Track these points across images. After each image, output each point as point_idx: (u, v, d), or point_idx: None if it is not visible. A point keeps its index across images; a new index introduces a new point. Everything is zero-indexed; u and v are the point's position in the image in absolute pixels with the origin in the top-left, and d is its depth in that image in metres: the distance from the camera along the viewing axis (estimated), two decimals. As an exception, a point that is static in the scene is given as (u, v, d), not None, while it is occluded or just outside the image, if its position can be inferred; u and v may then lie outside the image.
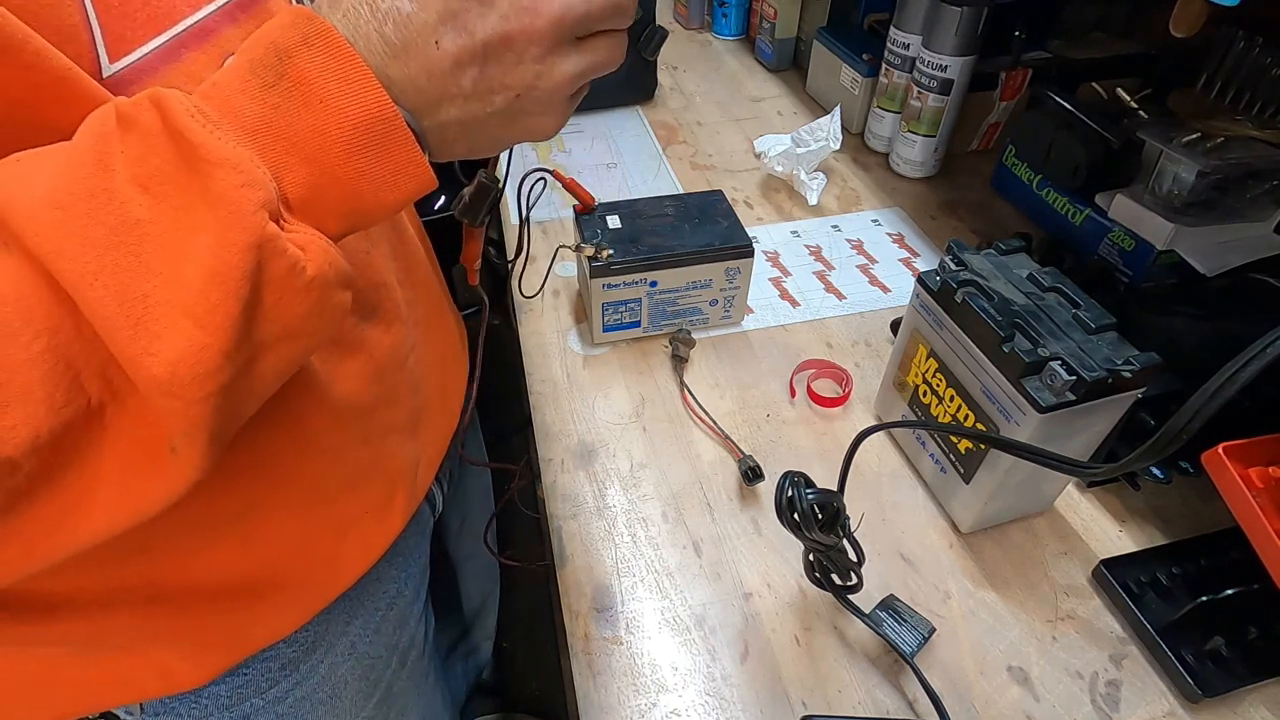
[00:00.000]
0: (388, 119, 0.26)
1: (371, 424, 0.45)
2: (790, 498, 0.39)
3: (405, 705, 0.59)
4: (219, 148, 0.24)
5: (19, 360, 0.22)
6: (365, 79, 0.25)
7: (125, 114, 0.24)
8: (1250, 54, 0.61)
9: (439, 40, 0.26)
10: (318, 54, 0.25)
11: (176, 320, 0.23)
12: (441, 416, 0.55)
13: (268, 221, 0.24)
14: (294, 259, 0.25)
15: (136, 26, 0.29)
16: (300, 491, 0.41)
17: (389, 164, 0.27)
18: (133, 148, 0.24)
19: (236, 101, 0.25)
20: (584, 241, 0.62)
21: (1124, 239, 0.66)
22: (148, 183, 0.24)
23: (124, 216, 0.23)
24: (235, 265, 0.23)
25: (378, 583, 0.52)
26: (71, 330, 0.23)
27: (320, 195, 0.26)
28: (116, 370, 0.24)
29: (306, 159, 0.25)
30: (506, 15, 0.27)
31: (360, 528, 0.46)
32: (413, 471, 0.51)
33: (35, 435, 0.23)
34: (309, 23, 0.25)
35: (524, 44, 0.28)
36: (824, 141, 0.82)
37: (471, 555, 0.79)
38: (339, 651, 0.50)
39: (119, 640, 0.38)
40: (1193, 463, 0.48)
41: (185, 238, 0.24)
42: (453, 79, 0.27)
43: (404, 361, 0.47)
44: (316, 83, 0.25)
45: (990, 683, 0.45)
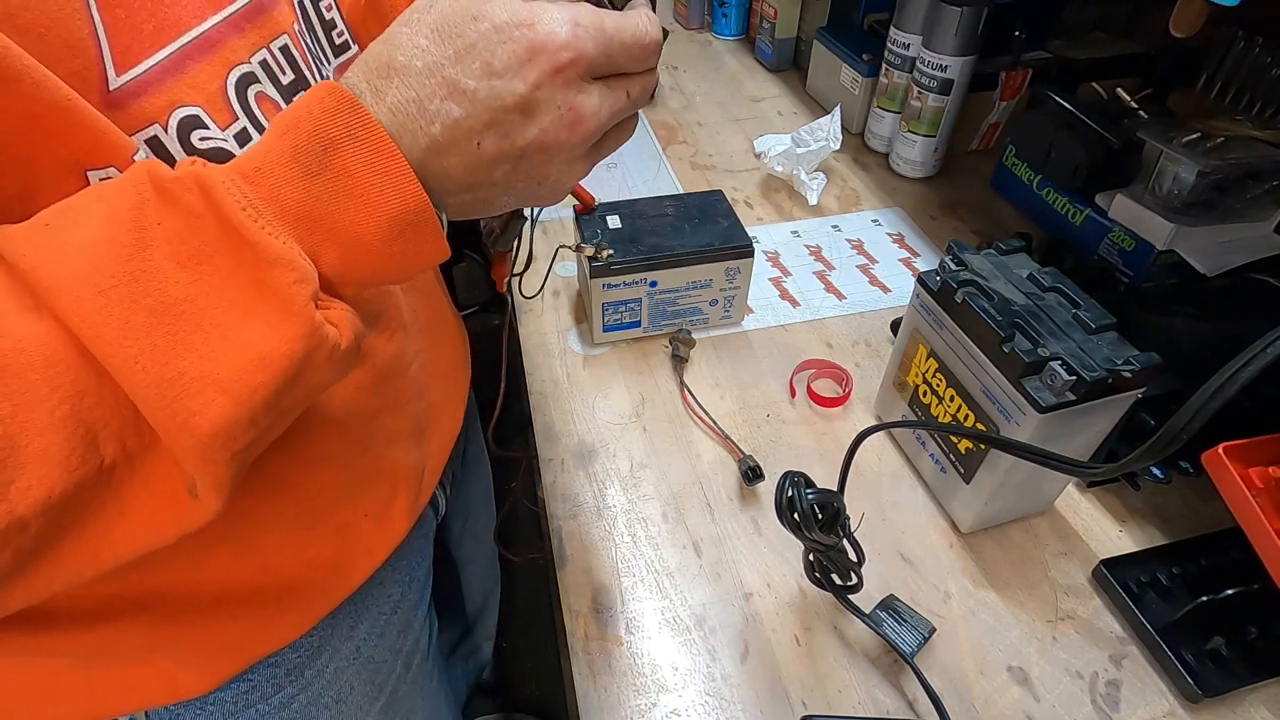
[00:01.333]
0: (421, 210, 0.27)
1: (373, 431, 0.45)
2: (790, 498, 0.39)
3: (410, 709, 0.59)
4: (274, 246, 0.25)
5: (41, 424, 0.23)
6: (406, 178, 0.26)
7: (166, 189, 0.25)
8: (1250, 54, 0.61)
9: (481, 143, 0.28)
10: (362, 149, 0.26)
11: (213, 397, 0.24)
12: (446, 421, 0.55)
13: (315, 312, 0.26)
14: (334, 340, 0.27)
15: (143, 39, 0.29)
16: (302, 499, 0.41)
17: (416, 246, 0.28)
18: (171, 224, 0.25)
19: (281, 190, 0.26)
20: (584, 241, 0.62)
21: (1124, 239, 0.66)
22: (186, 261, 0.25)
23: (161, 296, 0.24)
24: (285, 354, 0.25)
25: (382, 587, 0.52)
26: (94, 396, 0.24)
27: (350, 274, 0.28)
28: (131, 433, 0.25)
29: (342, 245, 0.27)
30: (546, 129, 0.28)
31: (364, 533, 0.46)
32: (417, 476, 0.51)
33: (48, 496, 0.23)
34: (354, 114, 0.26)
35: (557, 150, 0.29)
36: (824, 141, 0.82)
37: (473, 557, 0.79)
38: (344, 656, 0.49)
39: (124, 650, 0.38)
40: (1193, 463, 0.48)
41: (225, 319, 0.25)
42: (486, 173, 0.29)
43: (406, 369, 0.47)
44: (360, 177, 0.26)
45: (990, 683, 0.45)
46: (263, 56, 0.35)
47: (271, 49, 0.35)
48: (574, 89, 0.28)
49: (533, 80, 0.27)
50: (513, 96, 0.27)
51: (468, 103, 0.27)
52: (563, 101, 0.28)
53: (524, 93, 0.27)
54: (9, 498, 0.23)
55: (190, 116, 0.31)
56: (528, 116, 0.28)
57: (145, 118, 0.29)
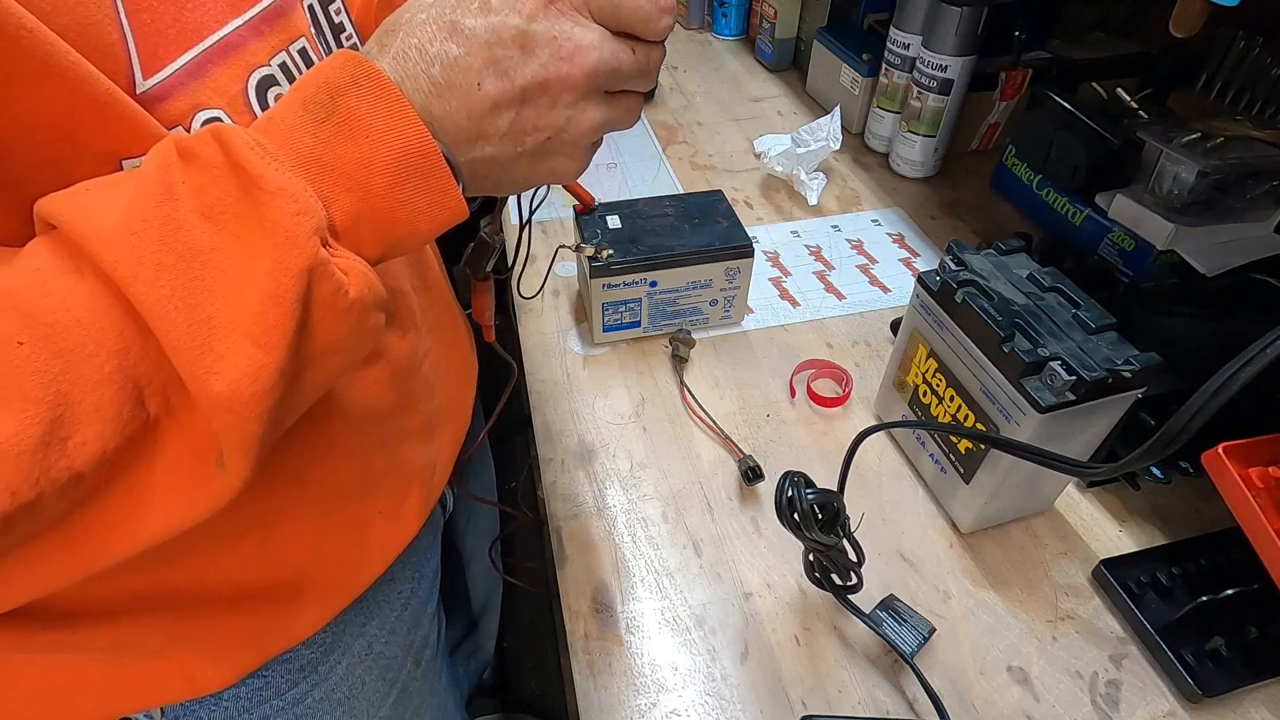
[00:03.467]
0: (427, 153, 0.28)
1: (388, 429, 0.45)
2: (790, 498, 0.39)
3: (420, 705, 0.60)
4: (276, 178, 0.25)
5: (92, 380, 0.24)
6: (408, 116, 0.27)
7: (187, 147, 0.26)
8: (1250, 54, 0.61)
9: (481, 83, 0.28)
10: (365, 93, 0.27)
11: (238, 341, 0.25)
12: (455, 419, 0.55)
13: (319, 247, 0.26)
14: (339, 282, 0.27)
15: (168, 43, 0.30)
16: (319, 496, 0.42)
17: (426, 195, 0.28)
18: (194, 178, 0.25)
19: (291, 135, 0.27)
20: (584, 241, 0.62)
21: (1124, 239, 0.66)
22: (209, 211, 0.25)
23: (190, 244, 0.25)
24: (290, 288, 0.25)
25: (392, 583, 0.52)
26: (139, 351, 0.25)
27: (362, 222, 0.28)
28: (175, 388, 0.26)
29: (352, 189, 0.27)
30: (545, 64, 0.29)
31: (378, 530, 0.47)
32: (429, 474, 0.51)
33: (103, 451, 0.24)
34: (358, 65, 0.27)
35: (559, 90, 0.29)
36: (824, 141, 0.82)
37: (476, 555, 0.79)
38: (356, 652, 0.50)
39: (144, 645, 0.38)
40: (1193, 463, 0.48)
41: (244, 263, 0.25)
42: (490, 119, 0.29)
43: (419, 367, 0.47)
44: (364, 119, 0.27)
45: (990, 683, 0.45)
46: (282, 59, 0.35)
47: (290, 52, 0.36)
48: (569, 19, 0.29)
49: (527, 11, 0.28)
50: (509, 30, 0.28)
51: (465, 41, 0.28)
52: (559, 31, 0.28)
53: (519, 24, 0.28)
54: (68, 452, 0.23)
55: (212, 119, 0.31)
56: (525, 51, 0.28)
57: (169, 121, 0.30)
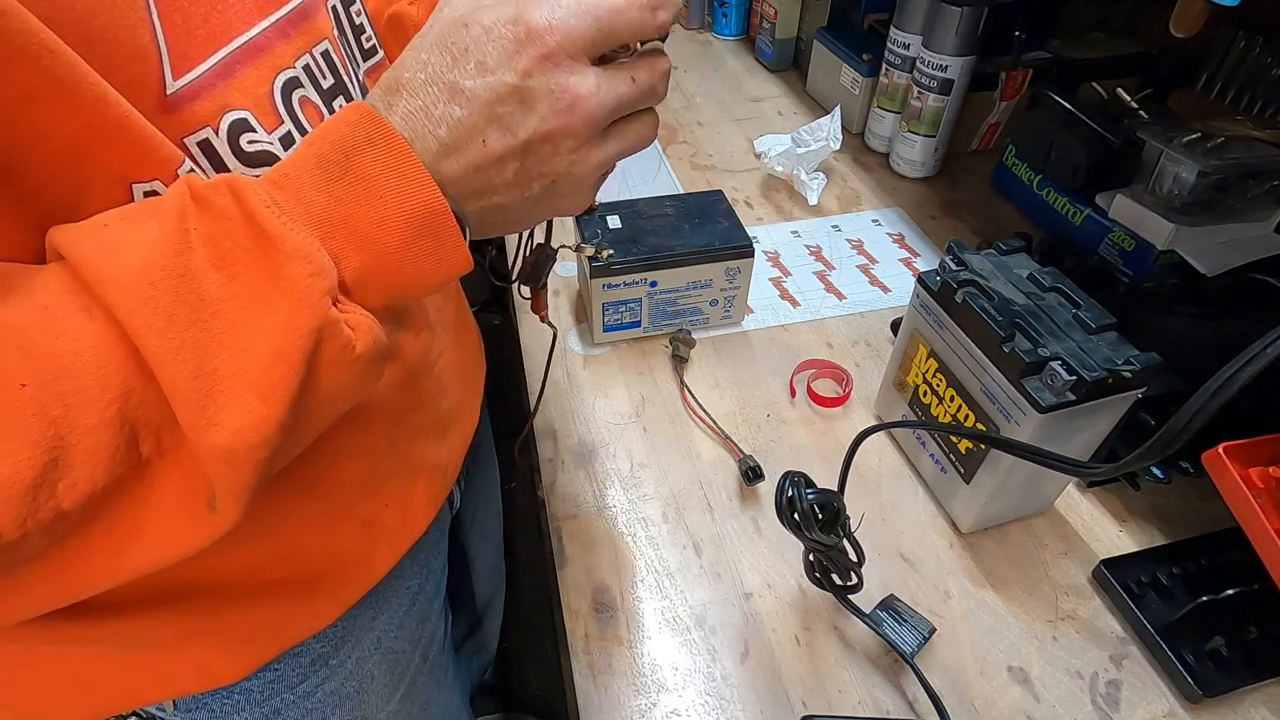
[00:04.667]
0: (438, 212, 0.28)
1: (400, 427, 0.46)
2: (790, 498, 0.39)
3: (428, 699, 0.60)
4: (291, 238, 0.26)
5: (91, 423, 0.24)
6: (421, 176, 0.28)
7: (202, 195, 0.26)
8: (1250, 54, 0.61)
9: (486, 139, 0.29)
10: (380, 153, 0.27)
11: (241, 394, 0.25)
12: (465, 418, 0.56)
13: (330, 306, 0.26)
14: (348, 340, 0.27)
15: (197, 44, 0.30)
16: (330, 492, 0.42)
17: (436, 252, 0.29)
18: (207, 227, 0.26)
19: (305, 192, 0.27)
20: (584, 241, 0.62)
21: (1124, 239, 0.66)
22: (221, 262, 0.26)
23: (203, 295, 0.25)
24: (299, 346, 0.26)
25: (401, 579, 0.52)
26: (140, 395, 0.25)
27: (372, 278, 0.29)
28: (168, 431, 0.26)
29: (363, 246, 0.28)
30: (546, 116, 0.29)
31: (388, 525, 0.47)
32: (439, 472, 0.51)
33: (92, 492, 0.24)
34: (373, 124, 0.28)
35: (560, 139, 0.30)
36: (824, 141, 0.82)
37: (481, 551, 0.79)
38: (366, 646, 0.50)
39: (160, 638, 0.39)
40: (1193, 463, 0.48)
41: (253, 316, 0.26)
42: (496, 171, 0.30)
43: (432, 366, 0.48)
44: (378, 179, 0.27)
45: (990, 683, 0.45)
46: (306, 61, 0.36)
47: (314, 54, 0.36)
48: (564, 70, 0.29)
49: (522, 69, 0.28)
50: (506, 88, 0.28)
51: (467, 102, 0.28)
52: (555, 85, 0.29)
53: (515, 83, 0.28)
54: (57, 494, 0.23)
55: (239, 120, 0.32)
56: (525, 106, 0.29)
57: (198, 121, 0.30)
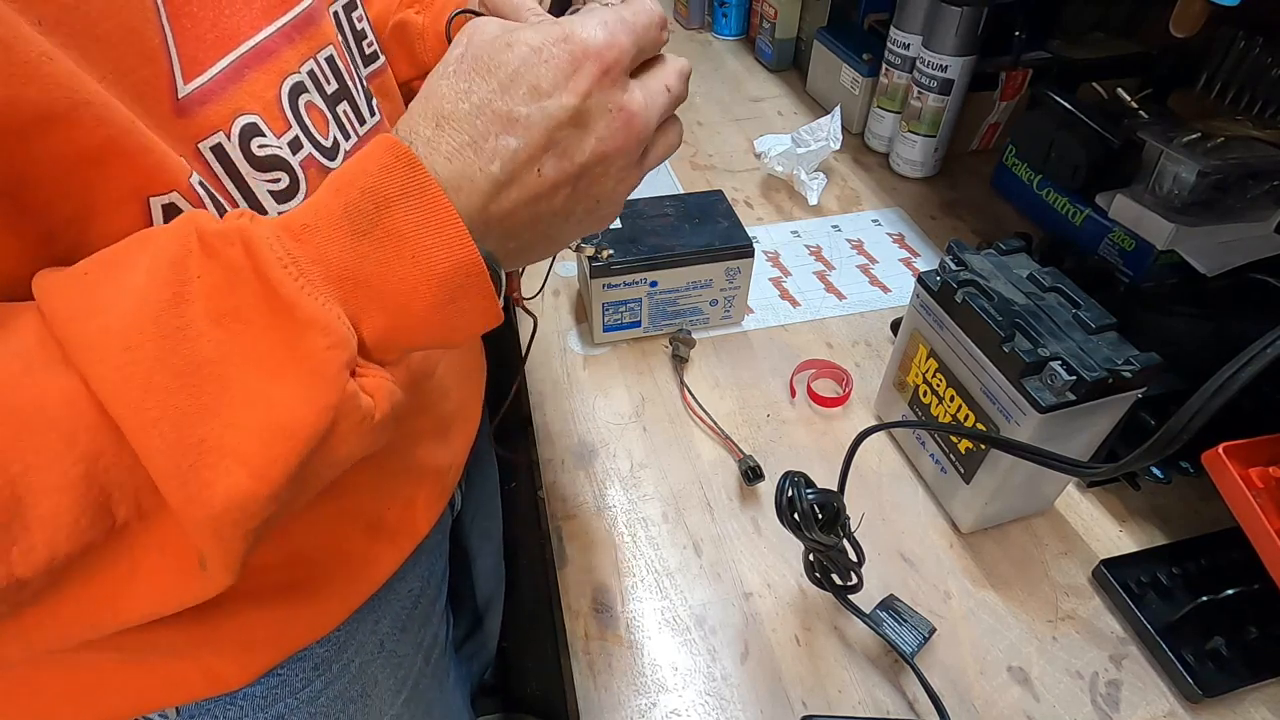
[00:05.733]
0: (474, 274, 0.26)
1: (402, 432, 0.45)
2: (790, 498, 0.39)
3: (430, 702, 0.60)
4: (309, 305, 0.24)
5: (52, 485, 0.22)
6: (459, 235, 0.25)
7: (210, 243, 0.24)
8: (1250, 54, 0.61)
9: (541, 169, 0.27)
10: (415, 207, 0.25)
11: (229, 467, 0.23)
12: (467, 420, 0.56)
13: (349, 380, 0.24)
14: (367, 410, 0.25)
15: (206, 48, 0.29)
16: (334, 497, 0.41)
17: (467, 313, 0.27)
18: (211, 278, 0.24)
19: (327, 248, 0.25)
20: (584, 241, 0.62)
21: (1124, 239, 0.66)
22: (221, 319, 0.23)
23: (192, 356, 0.23)
24: (310, 424, 0.24)
25: (403, 581, 0.52)
26: (112, 457, 0.23)
27: (393, 339, 0.26)
28: (148, 495, 0.24)
29: (387, 309, 0.26)
30: (603, 137, 0.28)
31: (391, 528, 0.47)
32: (442, 474, 0.51)
33: (51, 559, 0.22)
34: (409, 172, 0.25)
35: (616, 158, 0.29)
36: (824, 141, 0.82)
37: (481, 552, 0.79)
38: (369, 650, 0.50)
39: (166, 645, 0.38)
40: (1193, 463, 0.48)
41: (253, 384, 0.24)
42: (548, 201, 0.28)
43: (434, 370, 0.48)
44: (411, 238, 0.25)
45: (990, 683, 0.45)
46: (311, 66, 0.35)
47: (318, 59, 0.36)
48: (620, 89, 0.28)
49: (583, 90, 0.27)
50: (565, 112, 0.27)
51: (523, 130, 0.26)
52: (613, 104, 0.28)
53: (576, 105, 0.27)
54: (9, 559, 0.22)
55: (250, 124, 0.31)
56: (583, 128, 0.28)
57: (210, 125, 0.29)
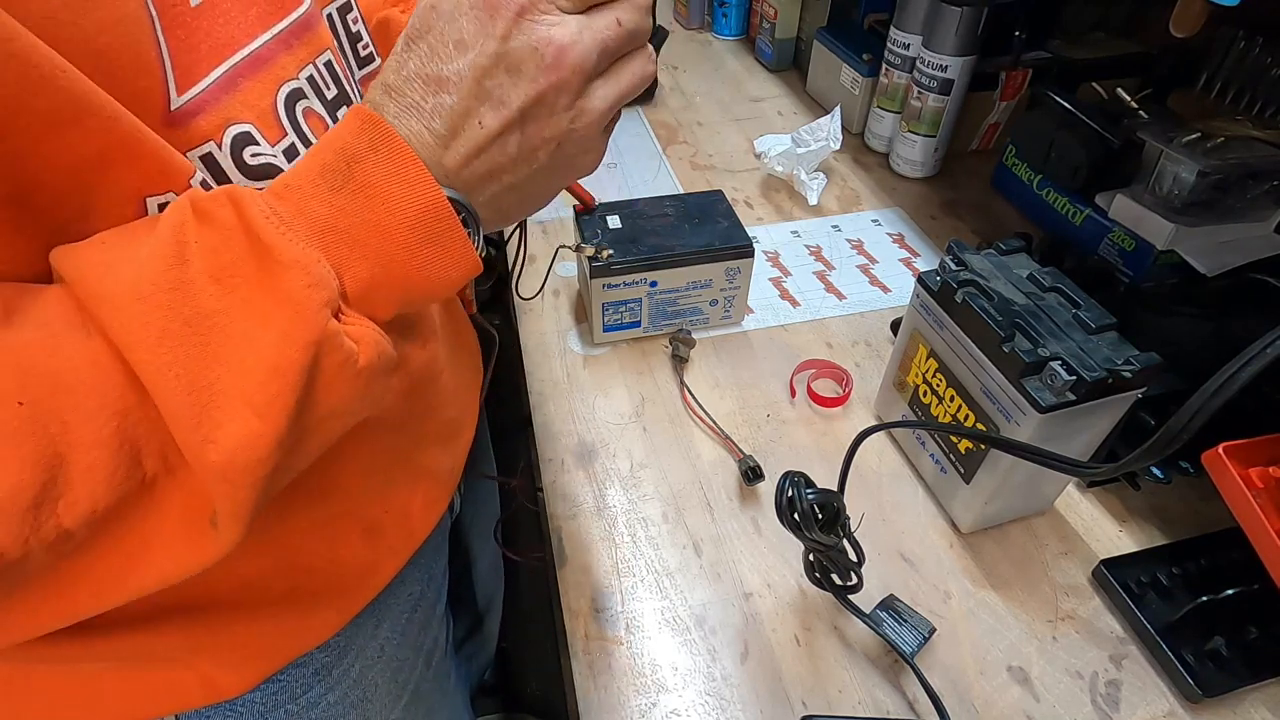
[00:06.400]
0: (442, 216, 0.28)
1: (404, 437, 0.45)
2: (790, 498, 0.39)
3: (431, 706, 0.60)
4: (289, 249, 0.25)
5: (89, 441, 0.24)
6: (424, 179, 0.27)
7: (203, 208, 0.26)
8: (1250, 54, 0.61)
9: (481, 120, 0.28)
10: (382, 158, 0.27)
11: (238, 409, 0.25)
12: (468, 424, 0.56)
13: (329, 319, 0.26)
14: (349, 352, 0.27)
15: (200, 58, 0.30)
16: (332, 503, 0.42)
17: (442, 256, 0.28)
18: (208, 239, 0.25)
19: (307, 203, 0.27)
20: (584, 241, 0.62)
21: (1124, 239, 0.66)
22: (220, 275, 0.25)
23: (198, 308, 0.25)
24: (295, 360, 0.25)
25: (403, 585, 0.52)
26: (139, 413, 0.25)
27: (378, 287, 0.28)
28: (173, 449, 0.26)
29: (368, 255, 0.27)
30: (534, 77, 0.28)
31: (389, 534, 0.47)
32: (442, 478, 0.51)
33: (93, 510, 0.24)
34: (375, 129, 0.27)
35: (554, 96, 0.29)
36: (824, 141, 0.82)
37: (480, 553, 0.79)
38: (369, 655, 0.50)
39: (165, 652, 0.38)
40: (1193, 463, 0.48)
41: (251, 329, 0.25)
42: (499, 150, 0.29)
43: (438, 376, 0.47)
44: (380, 185, 0.27)
45: (990, 683, 0.45)
46: (309, 73, 0.35)
47: (317, 65, 0.36)
48: (543, 24, 0.28)
49: (500, 33, 0.27)
50: (488, 58, 0.27)
51: (454, 87, 0.28)
52: (537, 39, 0.28)
53: (496, 49, 0.27)
54: (57, 512, 0.23)
55: (243, 133, 0.31)
56: (511, 73, 0.28)
57: (201, 136, 0.30)
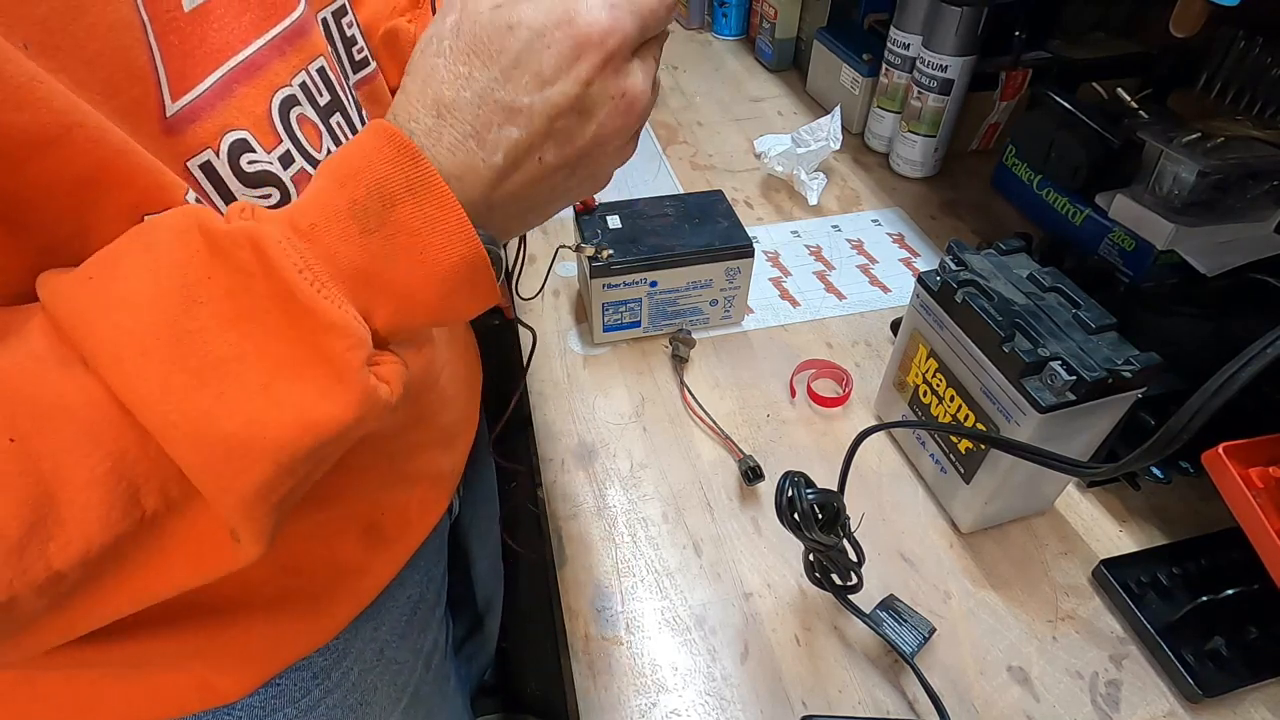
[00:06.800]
0: (478, 266, 0.27)
1: (402, 444, 0.45)
2: (790, 498, 0.39)
3: (431, 708, 0.60)
4: (328, 310, 0.24)
5: (82, 481, 0.23)
6: (464, 229, 0.26)
7: (218, 244, 0.24)
8: (1250, 54, 0.61)
9: (543, 155, 0.27)
10: (421, 203, 0.25)
11: (256, 460, 0.24)
12: (466, 427, 0.55)
13: (369, 375, 0.25)
14: (385, 399, 0.26)
15: (194, 64, 0.29)
16: (330, 507, 0.42)
17: (470, 299, 0.28)
18: (222, 280, 0.24)
19: (337, 248, 0.25)
20: (584, 241, 0.62)
21: (1124, 239, 0.66)
22: (235, 319, 0.24)
23: (208, 355, 0.23)
24: (337, 418, 0.24)
25: (402, 587, 0.52)
26: (137, 451, 0.24)
27: (401, 327, 0.27)
28: (175, 484, 0.25)
29: (396, 300, 0.26)
30: (603, 122, 0.28)
31: (388, 536, 0.47)
32: (440, 481, 0.51)
33: (86, 551, 0.23)
34: (414, 167, 0.25)
35: (613, 139, 0.29)
36: (824, 141, 0.82)
37: (479, 554, 0.79)
38: (368, 658, 0.50)
39: (162, 658, 0.38)
40: (1193, 463, 0.48)
41: (272, 380, 0.24)
42: (546, 183, 0.28)
43: (435, 381, 0.47)
44: (419, 234, 0.25)
45: (990, 683, 0.45)
46: (302, 79, 0.35)
47: (309, 71, 0.35)
48: (623, 75, 0.27)
49: (585, 77, 0.26)
50: (567, 100, 0.26)
51: (525, 120, 0.26)
52: (615, 90, 0.27)
53: (579, 94, 0.26)
54: (47, 554, 0.22)
55: (240, 140, 0.31)
56: (585, 115, 0.27)
57: (199, 143, 0.29)
